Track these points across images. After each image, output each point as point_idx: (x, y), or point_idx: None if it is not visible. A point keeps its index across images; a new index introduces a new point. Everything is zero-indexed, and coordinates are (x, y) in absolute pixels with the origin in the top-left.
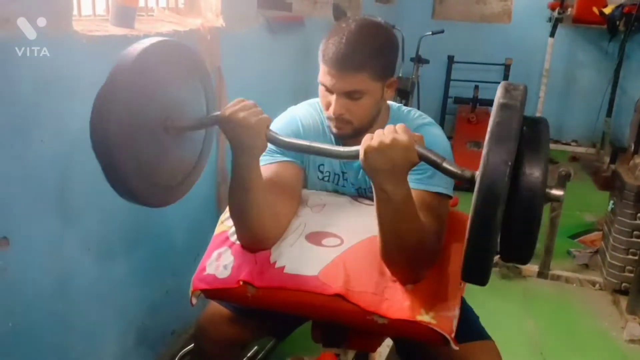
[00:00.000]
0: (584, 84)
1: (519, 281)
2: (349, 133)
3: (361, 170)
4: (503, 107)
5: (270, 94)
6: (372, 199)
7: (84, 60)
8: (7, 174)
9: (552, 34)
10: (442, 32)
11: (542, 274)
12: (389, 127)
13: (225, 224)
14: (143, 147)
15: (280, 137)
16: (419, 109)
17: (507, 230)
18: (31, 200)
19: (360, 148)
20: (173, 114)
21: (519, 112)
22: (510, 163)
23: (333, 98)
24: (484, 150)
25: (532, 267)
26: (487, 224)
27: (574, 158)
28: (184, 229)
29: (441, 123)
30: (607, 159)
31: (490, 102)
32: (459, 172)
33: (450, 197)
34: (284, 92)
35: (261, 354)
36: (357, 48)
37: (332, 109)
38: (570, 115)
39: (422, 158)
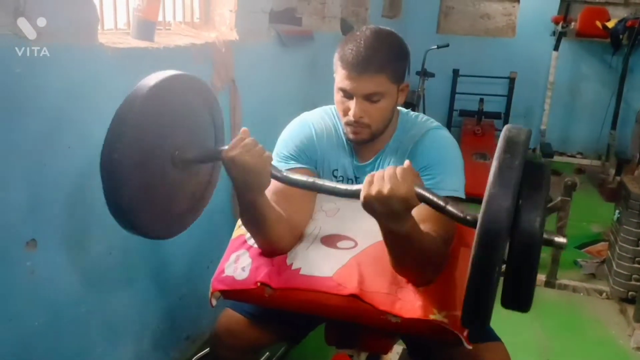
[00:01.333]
0: (588, 97)
1: None
2: (365, 138)
3: None
4: (506, 152)
5: (280, 105)
6: None
7: (109, 71)
8: (35, 179)
9: (556, 48)
10: (447, 45)
11: (550, 283)
12: (389, 171)
13: (243, 227)
14: (150, 181)
15: (284, 175)
16: None
17: (506, 278)
18: (57, 204)
19: (361, 189)
20: (181, 146)
21: (521, 159)
22: (510, 211)
23: (352, 103)
24: (485, 196)
25: (540, 277)
26: (486, 268)
27: (580, 170)
28: (199, 235)
29: None
30: (612, 171)
31: (495, 115)
32: (462, 215)
33: (461, 199)
34: (293, 103)
35: None
36: (376, 51)
37: (352, 112)
38: (575, 127)
39: (424, 201)
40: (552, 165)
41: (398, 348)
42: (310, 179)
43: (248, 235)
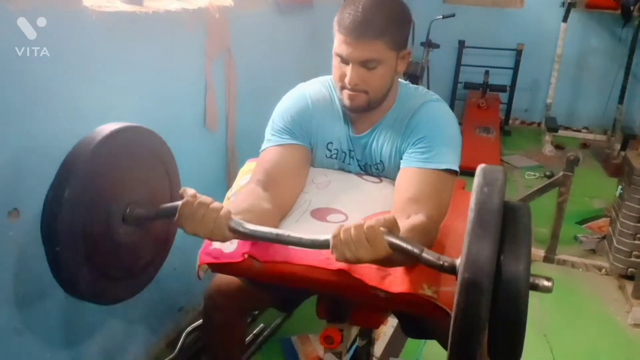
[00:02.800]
0: (596, 70)
1: None
2: (362, 105)
3: (368, 146)
4: (481, 199)
5: (278, 75)
6: (376, 176)
7: (95, 36)
8: (16, 148)
9: (564, 19)
10: (453, 15)
11: (548, 258)
12: (357, 233)
13: (231, 200)
14: (98, 242)
15: (244, 227)
16: None
17: (492, 331)
18: (39, 173)
19: (328, 240)
20: (133, 202)
21: (497, 213)
22: (492, 256)
23: (348, 68)
24: (465, 243)
25: (539, 252)
26: (471, 326)
27: (585, 145)
28: None
29: (451, 108)
30: (617, 146)
31: (500, 88)
32: (439, 262)
33: (455, 171)
34: (292, 73)
35: (267, 331)
36: (374, 16)
37: (347, 78)
38: (581, 101)
39: (399, 251)
40: (556, 139)
41: (393, 321)
42: (274, 232)
43: None
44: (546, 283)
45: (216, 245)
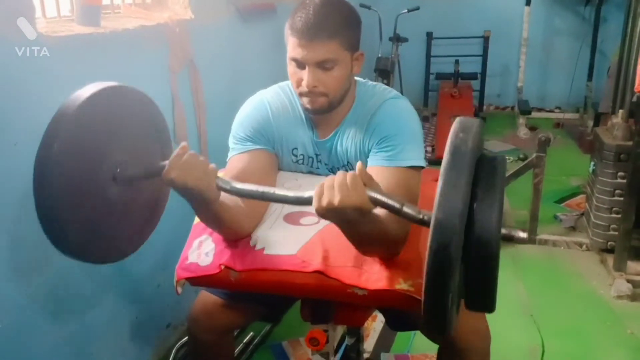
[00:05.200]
0: (563, 51)
1: (507, 248)
2: (324, 107)
3: (333, 149)
4: (455, 151)
5: (246, 83)
6: None
7: (51, 61)
8: None
9: (527, 3)
10: (418, 8)
11: (530, 239)
12: (339, 179)
13: None
14: (91, 205)
15: (231, 185)
16: (401, 87)
17: (467, 278)
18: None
19: (312, 196)
20: (123, 163)
21: (470, 156)
22: (462, 206)
23: (305, 72)
24: (437, 195)
25: (520, 234)
26: (442, 267)
27: (558, 124)
28: (171, 222)
29: (425, 99)
30: (590, 123)
31: (472, 76)
32: (419, 216)
33: (422, 167)
34: (259, 79)
35: (257, 339)
36: (326, 17)
37: (304, 82)
38: (552, 82)
39: (379, 205)
40: (530, 121)
41: (382, 317)
42: (260, 189)
43: None
44: (521, 234)
45: (192, 259)
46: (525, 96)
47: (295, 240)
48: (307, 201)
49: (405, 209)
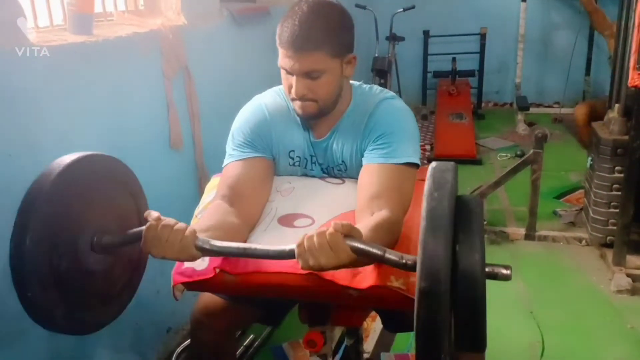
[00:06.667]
0: (560, 45)
1: (507, 245)
2: (314, 112)
3: (329, 149)
4: (431, 205)
5: (241, 87)
6: (339, 177)
7: (44, 70)
8: None
9: None
10: (413, 7)
11: (529, 235)
12: (320, 241)
13: (199, 217)
14: (69, 276)
15: (211, 245)
16: (398, 86)
17: (456, 320)
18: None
19: (294, 250)
20: (100, 232)
21: (449, 200)
22: (447, 248)
23: (294, 80)
24: (420, 240)
25: (519, 230)
26: (432, 308)
27: (557, 120)
28: None
29: (423, 98)
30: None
31: (469, 73)
32: (402, 261)
33: (417, 164)
34: (255, 83)
35: (258, 342)
36: (311, 28)
37: (293, 90)
38: (550, 77)
39: (363, 255)
40: (529, 117)
41: None
42: (242, 246)
43: None
44: (504, 271)
45: (188, 264)
46: (524, 92)
47: (289, 242)
48: (290, 254)
49: (388, 256)
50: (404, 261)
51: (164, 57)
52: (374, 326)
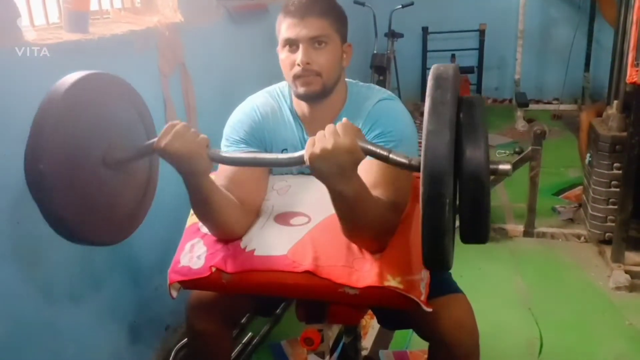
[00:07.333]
0: (559, 41)
1: (505, 242)
2: (317, 89)
3: None
4: (436, 89)
5: (237, 85)
6: None
7: (39, 69)
8: None
9: None
10: (412, 4)
11: (528, 232)
12: (329, 128)
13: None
14: (84, 185)
15: (223, 155)
16: (397, 83)
17: (461, 212)
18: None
19: (304, 154)
20: (111, 147)
21: (452, 93)
22: (449, 141)
23: (298, 53)
24: (423, 139)
25: (518, 227)
26: (436, 203)
27: (556, 116)
28: (166, 225)
29: (422, 95)
30: None
31: (468, 70)
32: (407, 161)
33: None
34: (252, 81)
35: (256, 339)
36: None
37: (298, 59)
38: (549, 73)
39: (368, 154)
40: (528, 114)
41: None
42: (251, 155)
43: (201, 222)
44: (502, 167)
45: (184, 263)
46: (523, 88)
47: (285, 240)
48: (299, 160)
49: (393, 156)
50: (408, 161)
51: (160, 54)
52: (372, 323)
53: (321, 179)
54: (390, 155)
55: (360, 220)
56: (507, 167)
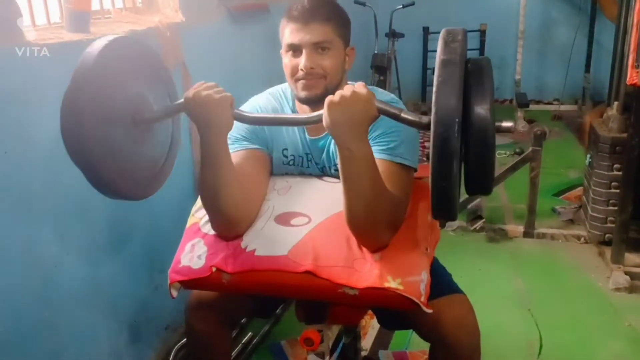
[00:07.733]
0: (560, 42)
1: (505, 242)
2: (320, 92)
3: (325, 150)
4: (445, 55)
5: (241, 85)
6: (336, 177)
7: (40, 69)
8: None
9: None
10: (413, 4)
11: (528, 233)
12: (348, 86)
13: (196, 215)
14: (117, 142)
15: (245, 113)
16: (398, 83)
17: (467, 165)
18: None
19: (323, 110)
20: (139, 107)
21: (460, 54)
22: (457, 100)
23: (301, 57)
24: (433, 96)
25: (518, 228)
26: (445, 151)
27: (556, 117)
28: (166, 224)
29: (422, 95)
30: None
31: None
32: (417, 119)
33: (414, 169)
34: (255, 81)
35: (256, 339)
36: (321, 4)
37: (301, 64)
38: (550, 74)
39: (381, 111)
40: (528, 114)
41: None
42: (271, 115)
43: (202, 222)
44: (505, 124)
45: (184, 262)
46: (523, 89)
47: (286, 241)
48: (318, 118)
49: (404, 115)
50: (419, 119)
51: (161, 54)
52: (372, 323)
53: (335, 133)
54: (402, 114)
55: (367, 196)
56: (510, 124)
